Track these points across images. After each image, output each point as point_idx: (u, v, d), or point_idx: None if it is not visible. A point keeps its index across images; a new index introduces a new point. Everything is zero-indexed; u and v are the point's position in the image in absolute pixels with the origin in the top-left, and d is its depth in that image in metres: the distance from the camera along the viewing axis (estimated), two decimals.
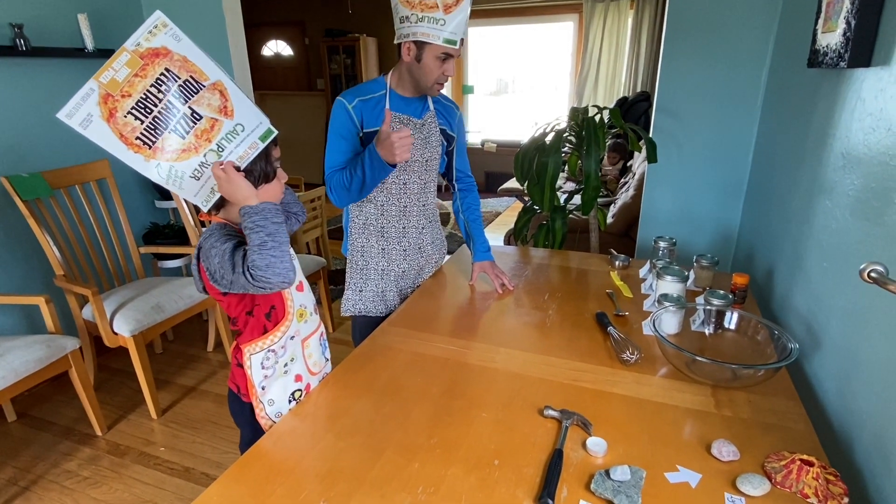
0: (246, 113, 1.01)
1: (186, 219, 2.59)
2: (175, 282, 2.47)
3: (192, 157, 0.98)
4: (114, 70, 0.90)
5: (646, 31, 5.34)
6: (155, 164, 0.97)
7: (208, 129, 0.98)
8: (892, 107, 0.99)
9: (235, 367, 1.16)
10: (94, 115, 0.90)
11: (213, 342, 2.85)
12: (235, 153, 1.01)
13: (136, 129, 0.93)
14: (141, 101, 0.93)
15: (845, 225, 1.14)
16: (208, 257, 1.00)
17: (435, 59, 1.41)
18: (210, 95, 0.97)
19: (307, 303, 1.19)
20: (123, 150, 0.94)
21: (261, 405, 1.14)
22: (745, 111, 2.02)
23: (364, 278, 1.65)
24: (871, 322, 0.98)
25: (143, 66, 0.91)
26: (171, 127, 0.96)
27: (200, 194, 1.02)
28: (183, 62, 0.94)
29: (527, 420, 1.07)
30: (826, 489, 0.87)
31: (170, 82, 0.94)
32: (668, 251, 1.75)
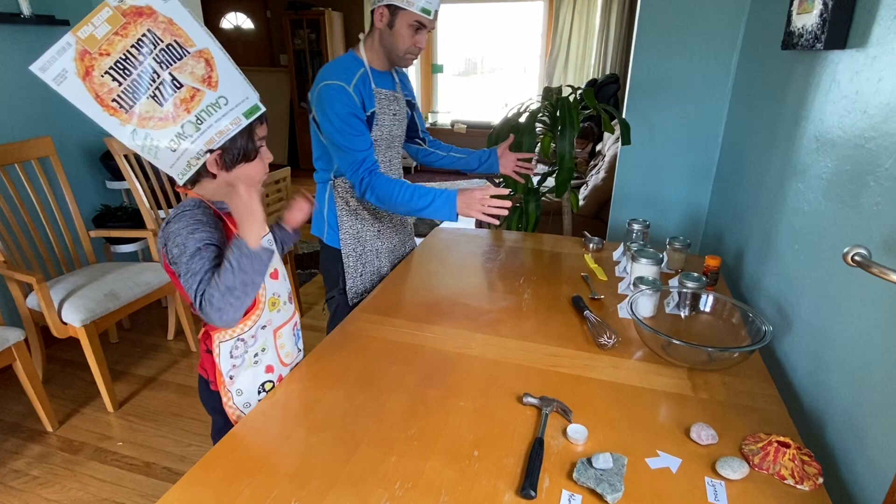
0: (232, 85, 0.93)
1: (141, 200, 2.44)
2: (130, 267, 2.34)
3: (170, 126, 0.91)
4: (93, 25, 0.83)
5: (615, 14, 5.33)
6: (130, 130, 0.90)
7: (188, 98, 0.90)
8: (867, 89, 0.98)
9: (204, 352, 1.10)
10: (69, 70, 0.84)
11: (174, 330, 2.73)
12: (215, 127, 0.93)
13: (112, 90, 0.87)
14: (120, 61, 0.86)
15: (818, 207, 1.15)
16: (171, 240, 0.95)
17: (408, 26, 1.37)
18: (194, 63, 0.90)
19: (281, 291, 1.13)
20: (98, 112, 0.87)
21: (228, 394, 1.09)
22: (716, 95, 2.03)
23: (363, 262, 1.65)
24: (843, 303, 0.99)
25: (124, 24, 0.85)
26: (149, 92, 0.89)
27: (176, 166, 0.95)
28: (168, 25, 0.87)
29: (506, 408, 1.04)
30: (802, 470, 0.88)
31: (152, 45, 0.87)
32: (641, 233, 1.74)
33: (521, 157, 1.68)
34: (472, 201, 1.35)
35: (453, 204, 1.37)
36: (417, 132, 1.76)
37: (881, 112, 0.92)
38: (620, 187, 2.32)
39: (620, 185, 2.31)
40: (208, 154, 0.95)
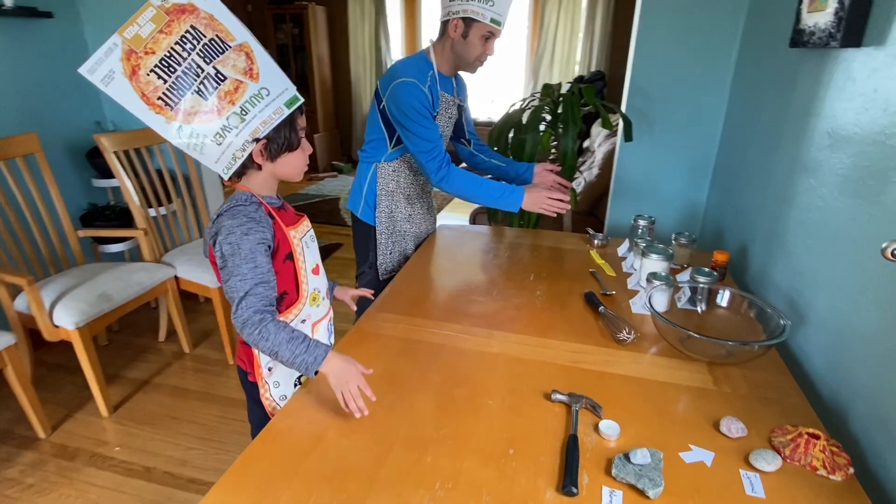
0: (272, 77, 0.95)
1: (130, 198, 2.37)
2: (122, 267, 2.26)
3: (215, 120, 0.92)
4: (138, 25, 0.85)
5: (600, 11, 5.37)
6: (176, 127, 0.91)
7: (232, 90, 0.92)
8: (887, 86, 1.00)
9: (242, 344, 1.12)
10: (116, 71, 0.86)
11: (166, 332, 2.66)
12: (259, 118, 0.95)
13: (158, 88, 0.88)
14: (164, 58, 0.87)
15: (832, 203, 1.17)
16: (223, 235, 0.96)
17: (480, 37, 1.50)
18: (236, 56, 0.91)
19: (321, 287, 1.16)
20: (145, 110, 0.89)
21: (266, 385, 1.11)
22: (714, 92, 2.06)
23: (392, 241, 1.77)
24: (865, 297, 1.01)
25: (168, 22, 0.86)
26: (194, 87, 0.90)
27: (221, 161, 0.96)
28: (209, 20, 0.88)
29: (535, 406, 1.04)
30: (832, 461, 0.89)
31: (195, 40, 0.88)
32: (647, 229, 1.76)
33: (560, 181, 1.76)
34: (539, 199, 1.55)
35: (520, 198, 1.55)
36: (464, 132, 1.87)
37: None
38: (619, 183, 2.33)
39: (619, 180, 2.33)
40: (254, 144, 0.96)
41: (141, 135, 2.43)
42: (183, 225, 2.64)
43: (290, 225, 1.06)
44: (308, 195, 5.22)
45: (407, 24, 6.17)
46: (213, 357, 2.53)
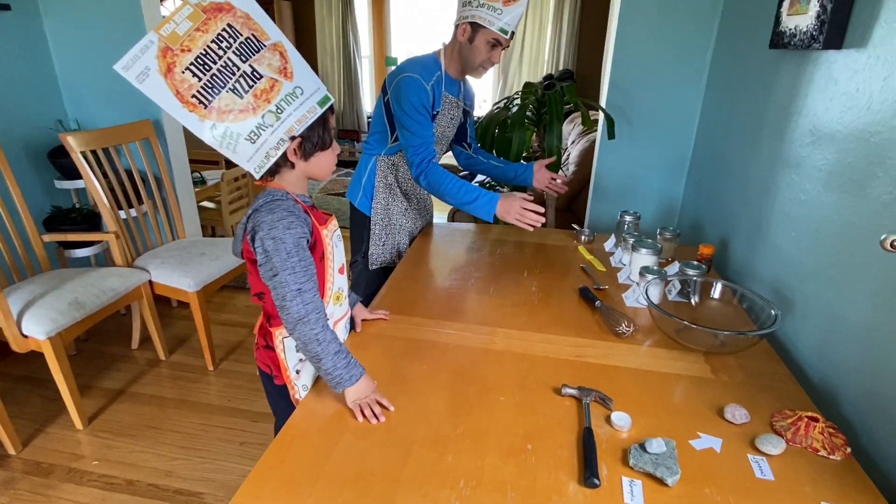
0: (305, 76, 0.94)
1: (100, 200, 2.26)
2: (92, 273, 2.16)
3: (250, 118, 0.91)
4: (175, 23, 0.84)
5: (567, 10, 5.46)
6: (210, 125, 0.90)
7: (268, 89, 0.91)
8: (869, 87, 1.06)
9: (263, 348, 1.12)
10: (151, 68, 0.85)
11: (139, 339, 2.55)
12: (294, 116, 0.94)
13: (192, 86, 0.87)
14: (200, 56, 0.86)
15: (816, 197, 1.23)
16: (264, 231, 0.96)
17: (486, 42, 1.53)
18: (271, 55, 0.90)
19: (344, 286, 1.16)
20: (178, 108, 0.88)
21: (295, 387, 1.12)
22: (690, 91, 2.13)
23: (386, 233, 1.79)
24: (853, 286, 1.07)
25: (205, 20, 0.85)
26: (229, 86, 0.89)
27: (254, 159, 0.95)
28: (245, 19, 0.87)
29: (546, 400, 1.05)
30: (831, 441, 0.94)
31: (231, 39, 0.87)
32: (633, 225, 1.81)
33: (555, 176, 1.80)
34: (512, 208, 1.50)
35: (494, 205, 1.52)
36: (466, 137, 1.89)
37: (889, 108, 1.00)
38: (599, 179, 2.38)
39: (599, 177, 2.38)
40: (289, 142, 0.96)
41: (109, 133, 2.32)
42: (155, 227, 2.54)
43: (322, 224, 1.06)
44: None
45: (375, 21, 6.11)
46: (191, 363, 2.45)
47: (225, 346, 2.59)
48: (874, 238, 1.01)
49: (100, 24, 2.46)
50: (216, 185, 3.39)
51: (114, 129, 2.36)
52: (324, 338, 0.98)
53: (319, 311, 0.99)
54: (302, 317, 0.96)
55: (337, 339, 1.00)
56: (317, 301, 0.99)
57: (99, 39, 2.49)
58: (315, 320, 0.97)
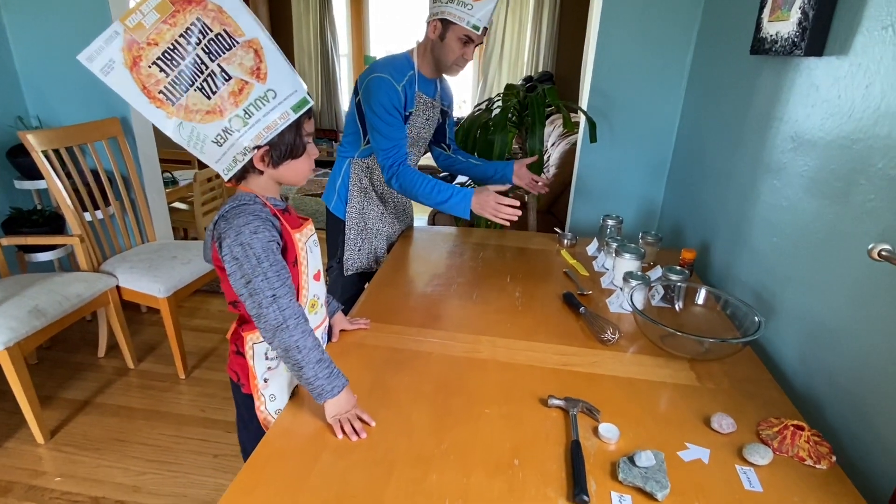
0: (280, 77, 0.88)
1: (63, 201, 2.15)
2: (54, 278, 2.06)
3: (216, 120, 0.86)
4: (141, 14, 0.79)
5: (546, 12, 5.48)
6: (176, 123, 0.86)
7: (236, 91, 0.85)
8: (852, 94, 1.07)
9: (234, 354, 1.07)
10: (116, 61, 0.80)
11: (106, 346, 2.44)
12: (263, 122, 0.88)
13: (160, 81, 0.82)
14: (168, 51, 0.81)
15: (797, 203, 1.24)
16: (231, 237, 0.91)
17: (457, 39, 1.49)
18: (243, 54, 0.85)
19: (320, 294, 1.11)
20: (145, 104, 0.84)
21: (261, 398, 1.05)
22: (670, 95, 2.14)
23: (362, 238, 1.75)
24: (836, 292, 1.07)
25: (173, 12, 0.80)
26: (196, 84, 0.84)
27: (222, 161, 0.91)
28: (217, 13, 0.82)
29: (532, 412, 1.03)
30: (816, 450, 0.94)
31: (200, 34, 0.82)
32: (615, 229, 1.80)
33: (536, 178, 1.77)
34: (487, 203, 1.46)
35: (469, 202, 1.48)
36: (445, 138, 1.84)
37: (870, 116, 1.00)
38: (581, 182, 2.38)
39: (581, 180, 2.37)
40: (255, 150, 0.91)
41: (73, 132, 2.22)
42: (122, 230, 2.43)
43: (295, 228, 1.01)
44: None
45: (353, 18, 6.03)
46: (161, 371, 2.35)
47: (197, 352, 2.50)
48: (856, 245, 1.01)
49: (63, 16, 2.35)
50: (188, 186, 3.28)
51: (79, 127, 2.25)
52: (304, 345, 0.93)
53: (298, 317, 0.94)
54: (280, 323, 0.92)
55: (319, 347, 0.96)
56: (294, 306, 0.94)
57: (62, 32, 2.38)
58: (294, 326, 0.92)
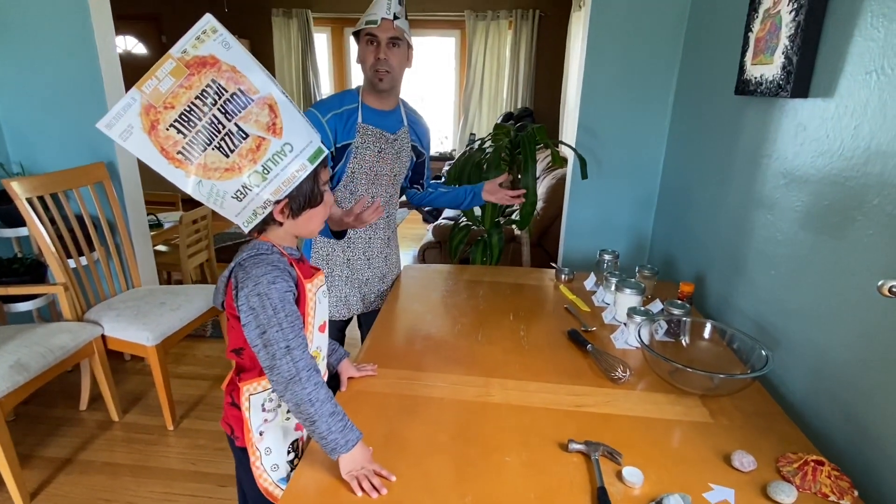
0: (296, 130, 0.89)
1: (47, 249, 2.09)
2: (37, 329, 1.98)
3: (235, 177, 0.87)
4: (157, 79, 0.81)
5: (524, 51, 5.67)
6: (196, 181, 0.86)
7: (254, 148, 0.86)
8: (841, 134, 1.12)
9: (229, 405, 1.04)
10: (134, 126, 0.83)
11: (88, 398, 2.34)
12: (281, 176, 0.89)
13: (178, 142, 0.83)
14: (184, 113, 0.82)
15: (793, 237, 1.27)
16: (248, 287, 0.91)
17: (365, 45, 1.46)
18: (259, 111, 0.85)
19: (323, 346, 1.09)
20: (164, 165, 0.85)
21: (257, 453, 1.02)
22: (654, 133, 2.21)
23: (329, 285, 1.64)
24: (839, 323, 1.10)
25: (188, 75, 0.81)
26: (214, 143, 0.84)
27: (242, 215, 0.91)
28: (231, 73, 0.83)
29: (553, 458, 1.01)
30: (838, 485, 0.94)
31: (216, 95, 0.83)
32: (612, 263, 1.83)
33: (512, 193, 1.71)
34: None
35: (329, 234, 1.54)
36: (419, 179, 1.78)
37: (861, 154, 1.05)
38: (573, 217, 2.42)
39: (572, 214, 2.41)
40: (275, 203, 0.92)
41: (59, 178, 2.17)
42: (107, 276, 2.37)
43: (307, 278, 1.00)
44: (235, 234, 4.93)
45: (335, 59, 6.14)
46: (148, 423, 2.26)
47: (185, 401, 2.41)
48: (859, 280, 1.04)
49: (49, 63, 2.33)
50: (173, 228, 3.23)
51: (64, 173, 2.21)
52: (317, 397, 0.91)
53: (310, 369, 0.92)
54: (293, 376, 0.90)
55: (332, 399, 0.94)
56: (307, 358, 0.92)
57: (47, 79, 2.35)
58: (307, 378, 0.91)
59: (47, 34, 2.29)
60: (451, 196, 1.78)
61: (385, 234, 1.70)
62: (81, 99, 2.37)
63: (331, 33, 6.04)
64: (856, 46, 1.08)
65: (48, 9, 2.26)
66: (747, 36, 1.47)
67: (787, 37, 1.26)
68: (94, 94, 2.36)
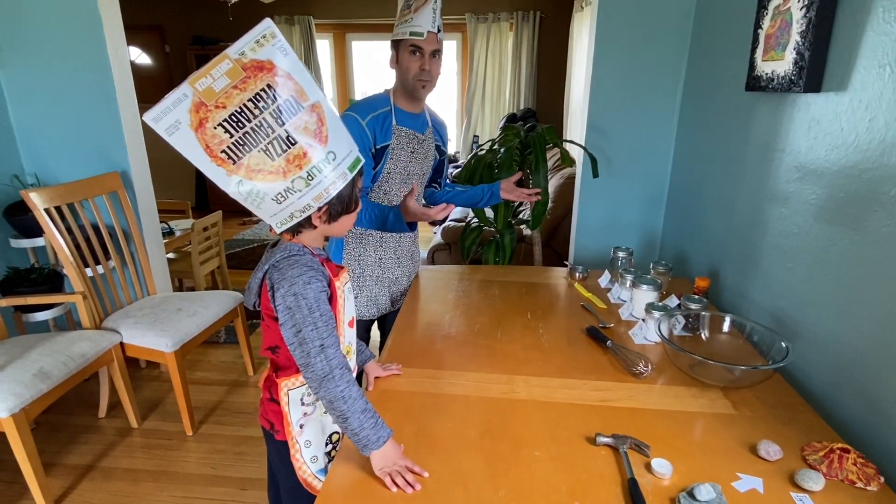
0: (339, 139, 0.91)
1: (66, 258, 2.11)
2: (58, 338, 2.00)
3: (279, 181, 0.88)
4: (212, 78, 0.80)
5: (525, 52, 5.70)
6: (237, 181, 0.87)
7: (301, 155, 0.87)
8: (854, 127, 1.14)
9: (268, 401, 1.07)
10: (182, 122, 0.82)
11: (107, 406, 2.36)
12: (324, 183, 0.91)
13: (223, 141, 0.84)
14: (235, 114, 0.83)
15: (808, 230, 1.29)
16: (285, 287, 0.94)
17: (408, 54, 1.48)
18: (308, 117, 0.87)
19: (353, 341, 1.11)
20: (206, 162, 0.85)
21: (297, 446, 1.05)
22: (663, 128, 2.23)
23: (360, 285, 1.69)
24: (858, 313, 1.11)
25: (244, 78, 0.81)
26: (261, 146, 0.85)
27: (278, 216, 0.93)
28: (286, 79, 0.84)
29: (581, 451, 1.03)
30: (864, 472, 0.96)
31: (269, 100, 0.83)
32: (627, 260, 1.84)
33: (528, 191, 1.74)
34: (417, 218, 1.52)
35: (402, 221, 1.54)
36: (438, 177, 1.82)
37: (876, 147, 1.07)
38: (583, 216, 2.44)
39: (583, 213, 2.43)
40: (316, 208, 0.94)
41: (75, 188, 2.20)
42: (123, 284, 2.39)
43: (335, 277, 1.03)
44: (244, 241, 4.96)
45: (338, 63, 6.17)
46: (168, 429, 2.28)
47: (203, 407, 2.43)
48: (879, 269, 1.06)
49: (62, 74, 2.36)
50: (184, 236, 3.25)
51: (80, 183, 2.24)
52: (349, 395, 0.94)
53: (343, 367, 0.95)
54: (326, 373, 0.93)
55: (363, 397, 0.96)
56: (340, 356, 0.95)
57: (60, 89, 2.38)
58: (339, 376, 0.93)
59: (60, 46, 2.32)
60: (468, 195, 1.81)
61: (414, 234, 1.77)
62: (94, 109, 2.40)
63: (333, 39, 6.08)
64: (868, 41, 1.10)
65: (61, 21, 2.29)
66: (757, 33, 1.49)
67: (798, 33, 1.28)
68: (107, 104, 2.39)
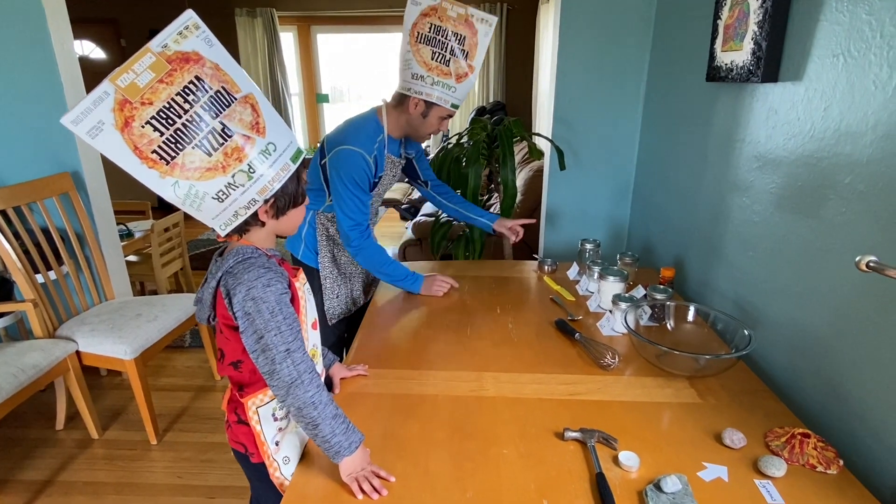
0: (277, 131, 0.87)
1: (13, 265, 2.00)
2: (6, 349, 1.90)
3: (218, 176, 0.83)
4: (134, 73, 0.75)
5: (493, 44, 5.68)
6: (172, 182, 0.82)
7: (240, 147, 0.83)
8: (810, 116, 1.15)
9: (235, 423, 1.01)
10: (106, 122, 0.76)
11: (65, 416, 2.26)
12: (267, 175, 0.87)
13: (153, 141, 0.78)
14: (163, 110, 0.77)
15: (769, 218, 1.31)
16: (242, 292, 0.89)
17: (439, 118, 1.56)
18: (242, 109, 0.82)
19: (318, 342, 1.07)
20: (136, 165, 0.80)
21: (275, 464, 0.99)
22: (628, 120, 2.25)
23: (338, 285, 1.76)
24: (816, 300, 1.13)
25: (169, 71, 0.76)
26: (195, 142, 0.80)
27: (220, 217, 0.87)
28: (215, 70, 0.79)
29: (549, 447, 1.02)
30: (824, 456, 0.97)
31: (199, 92, 0.78)
32: (594, 252, 1.85)
33: (514, 224, 1.84)
34: (432, 284, 1.69)
35: (419, 284, 1.69)
36: (419, 175, 1.87)
37: (831, 135, 1.08)
38: (551, 208, 2.44)
39: (551, 206, 2.44)
40: (261, 202, 0.89)
41: (22, 190, 2.09)
42: (78, 290, 2.29)
43: (293, 277, 0.98)
44: (209, 241, 4.82)
45: (303, 57, 6.04)
46: (131, 439, 2.19)
47: (168, 414, 2.35)
48: (835, 257, 1.08)
49: (2, 70, 2.23)
50: (144, 237, 3.13)
51: (27, 185, 2.12)
52: (319, 400, 0.90)
53: (312, 372, 0.91)
54: (294, 379, 0.88)
55: (333, 402, 0.93)
56: (307, 360, 0.91)
57: (2, 88, 2.25)
58: (308, 381, 0.90)
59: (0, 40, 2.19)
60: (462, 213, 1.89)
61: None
62: (41, 107, 2.28)
63: (297, 32, 5.94)
64: (822, 31, 1.12)
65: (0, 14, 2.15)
66: (716, 23, 1.50)
67: (755, 23, 1.29)
68: (55, 101, 2.27)
